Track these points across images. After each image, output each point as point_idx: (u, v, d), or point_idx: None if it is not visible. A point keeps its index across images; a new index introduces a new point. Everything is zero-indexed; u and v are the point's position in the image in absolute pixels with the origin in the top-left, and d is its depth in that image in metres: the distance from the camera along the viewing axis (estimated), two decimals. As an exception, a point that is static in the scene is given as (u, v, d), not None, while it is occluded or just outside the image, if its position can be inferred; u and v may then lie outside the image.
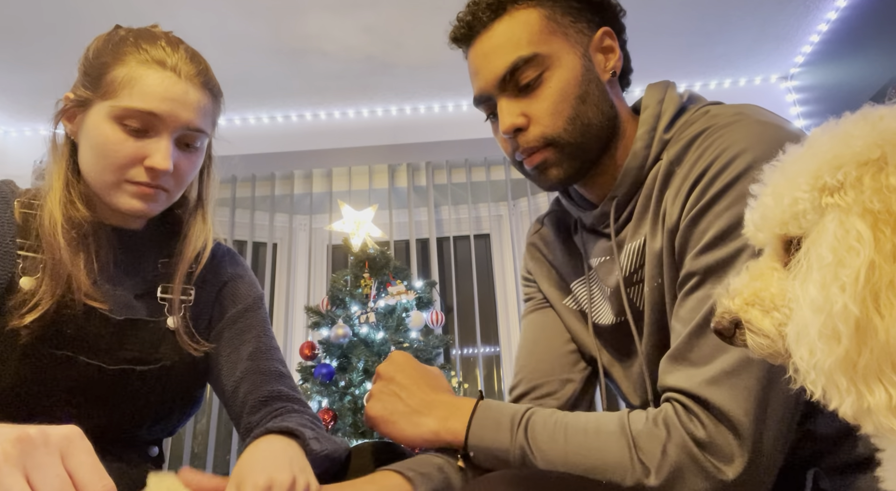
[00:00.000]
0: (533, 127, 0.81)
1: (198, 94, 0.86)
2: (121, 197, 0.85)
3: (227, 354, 0.95)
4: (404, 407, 0.80)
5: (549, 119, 0.81)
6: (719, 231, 0.68)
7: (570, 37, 0.83)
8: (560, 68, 0.81)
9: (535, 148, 0.82)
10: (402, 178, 3.14)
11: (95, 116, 0.84)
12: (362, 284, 2.39)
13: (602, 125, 0.83)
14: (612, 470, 0.68)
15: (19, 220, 0.85)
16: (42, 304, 0.79)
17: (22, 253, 0.83)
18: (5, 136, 2.94)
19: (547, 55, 0.81)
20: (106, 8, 2.18)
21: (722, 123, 0.74)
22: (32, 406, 0.80)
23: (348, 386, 2.19)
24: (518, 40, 0.81)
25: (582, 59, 0.83)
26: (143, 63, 0.83)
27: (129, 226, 0.93)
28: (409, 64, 2.63)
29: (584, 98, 0.81)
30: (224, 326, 0.97)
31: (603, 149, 0.84)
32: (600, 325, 0.89)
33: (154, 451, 0.94)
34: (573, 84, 0.81)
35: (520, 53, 0.80)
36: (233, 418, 0.95)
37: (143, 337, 0.88)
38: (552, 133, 0.81)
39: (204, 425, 2.81)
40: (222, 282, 1.00)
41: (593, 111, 0.82)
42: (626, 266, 0.83)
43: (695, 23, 2.45)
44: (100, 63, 0.85)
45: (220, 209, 3.07)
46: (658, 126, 0.82)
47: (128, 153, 0.82)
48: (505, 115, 0.82)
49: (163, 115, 0.83)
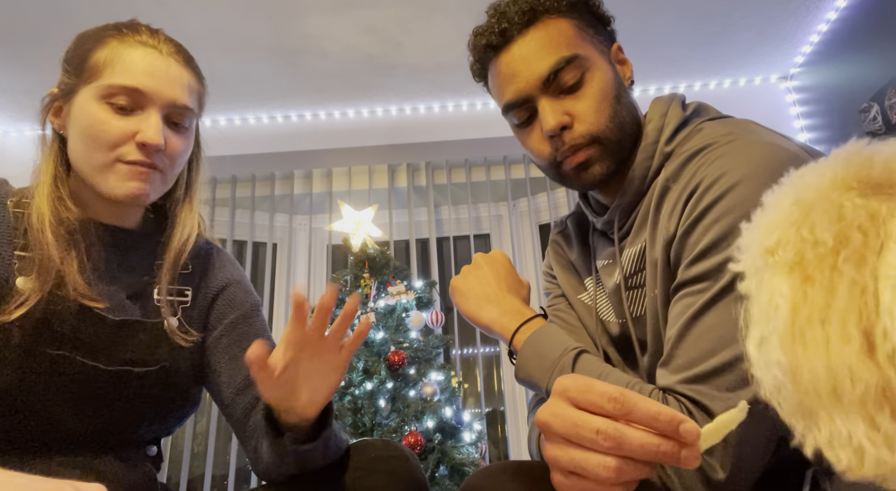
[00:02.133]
0: (578, 125, 0.84)
1: (180, 70, 0.87)
2: (114, 180, 0.83)
3: (227, 361, 0.94)
4: (480, 291, 0.92)
5: (593, 117, 0.84)
6: (708, 243, 0.71)
7: (596, 45, 0.88)
8: (598, 70, 0.86)
9: (581, 145, 0.85)
10: (401, 179, 3.14)
11: (81, 101, 0.83)
12: (362, 284, 2.39)
13: (632, 126, 0.88)
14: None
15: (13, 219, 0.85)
16: (30, 300, 0.78)
17: (18, 253, 0.83)
18: (5, 135, 2.94)
19: (586, 57, 0.85)
20: (106, 8, 2.18)
21: (715, 144, 0.78)
22: (31, 407, 0.80)
23: (348, 386, 2.19)
24: (558, 43, 0.85)
25: (610, 65, 0.88)
26: (125, 44, 0.84)
27: (122, 224, 0.92)
28: (409, 64, 2.63)
29: (619, 98, 0.86)
30: (222, 332, 0.96)
31: (631, 149, 0.88)
32: (606, 321, 0.94)
33: (153, 450, 0.94)
34: (610, 85, 0.86)
35: (562, 54, 0.84)
36: (234, 424, 0.94)
37: (142, 339, 0.87)
38: (597, 130, 0.84)
39: (204, 425, 2.81)
40: (220, 286, 0.99)
41: (626, 113, 0.87)
42: (626, 269, 0.87)
43: (695, 23, 2.45)
44: (81, 51, 0.86)
45: (220, 209, 3.07)
46: (660, 139, 0.85)
47: (117, 131, 0.82)
48: (549, 114, 0.85)
49: (148, 92, 0.83)
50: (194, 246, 0.97)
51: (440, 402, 2.17)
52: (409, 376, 2.20)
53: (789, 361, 0.40)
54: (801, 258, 0.42)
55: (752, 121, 0.86)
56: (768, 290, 0.43)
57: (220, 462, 2.74)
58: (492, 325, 0.89)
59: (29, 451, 0.81)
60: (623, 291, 0.87)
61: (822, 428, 0.40)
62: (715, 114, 0.90)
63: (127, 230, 0.92)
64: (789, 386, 0.41)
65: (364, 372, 2.19)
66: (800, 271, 0.41)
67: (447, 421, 2.15)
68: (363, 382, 2.18)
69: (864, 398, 0.37)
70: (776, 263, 0.44)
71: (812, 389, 0.39)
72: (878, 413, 0.37)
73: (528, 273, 3.03)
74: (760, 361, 0.44)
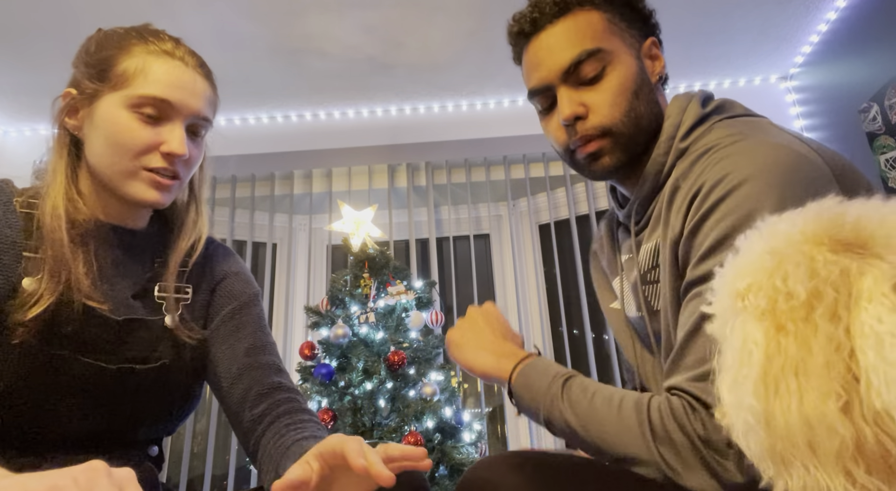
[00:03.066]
0: (592, 116, 0.88)
1: (203, 84, 0.91)
2: (136, 186, 0.86)
3: (224, 349, 0.95)
4: (475, 340, 0.92)
5: (607, 109, 0.87)
6: (713, 241, 0.72)
7: (625, 40, 0.90)
8: (620, 65, 0.88)
9: (592, 136, 0.88)
10: (401, 179, 3.14)
11: (108, 107, 0.85)
12: (362, 284, 2.39)
13: (650, 121, 0.89)
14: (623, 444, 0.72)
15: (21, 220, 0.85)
16: (43, 299, 0.79)
17: (26, 254, 0.83)
18: (5, 135, 2.94)
19: (609, 51, 0.88)
20: (106, 8, 2.18)
21: (723, 144, 0.79)
22: (33, 406, 0.80)
23: (348, 386, 2.19)
24: (584, 36, 0.88)
25: (636, 61, 0.90)
26: (152, 53, 0.87)
27: (128, 225, 0.93)
28: (409, 64, 2.63)
29: (638, 94, 0.88)
30: (220, 322, 0.97)
31: (647, 144, 0.90)
32: (629, 316, 0.97)
33: (154, 450, 0.94)
34: (630, 80, 0.88)
35: (585, 47, 0.87)
36: (230, 414, 0.94)
37: (143, 336, 0.87)
38: (609, 123, 0.87)
39: (204, 425, 2.81)
40: (218, 279, 1.00)
41: (644, 107, 0.89)
42: (642, 265, 0.89)
43: (694, 23, 2.45)
44: (104, 56, 0.87)
45: (219, 209, 3.07)
46: (676, 135, 0.87)
47: (145, 140, 0.85)
48: (566, 103, 0.88)
49: (176, 103, 0.86)
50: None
51: (440, 402, 2.17)
52: (409, 376, 2.20)
53: (763, 408, 0.42)
54: (773, 307, 0.43)
55: (768, 120, 0.88)
56: (741, 334, 0.45)
57: (220, 462, 2.74)
58: (490, 370, 0.89)
59: (31, 450, 0.81)
60: (640, 285, 0.89)
61: (794, 476, 0.41)
62: (739, 111, 0.91)
63: (133, 231, 0.93)
64: (761, 431, 0.42)
65: (364, 372, 2.19)
66: (772, 320, 0.43)
67: (447, 421, 2.15)
68: (363, 381, 2.18)
69: (841, 452, 0.38)
70: (747, 309, 0.45)
71: (786, 437, 0.40)
72: (855, 467, 0.38)
73: (528, 273, 3.03)
74: (733, 403, 0.45)
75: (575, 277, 2.85)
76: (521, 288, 3.00)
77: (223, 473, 2.72)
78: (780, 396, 0.41)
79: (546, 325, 2.96)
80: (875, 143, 2.27)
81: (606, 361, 2.75)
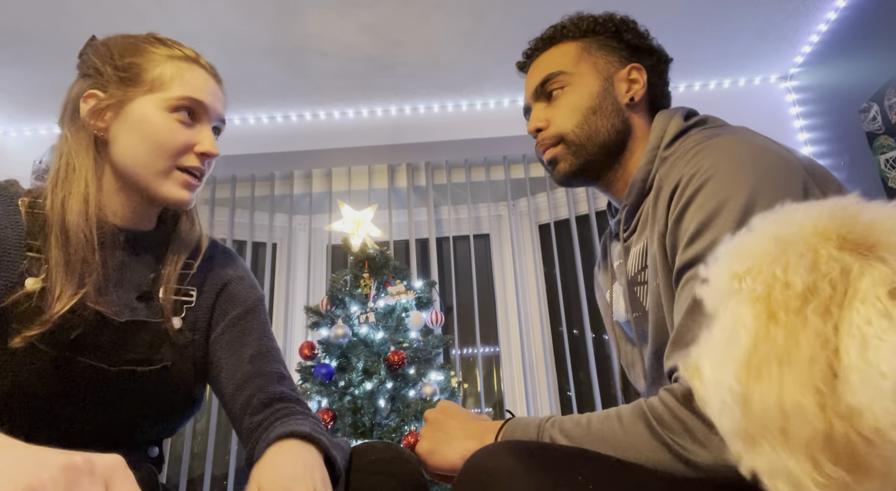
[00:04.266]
0: (550, 127, 1.03)
1: (221, 89, 0.98)
2: (169, 186, 0.90)
3: (228, 356, 0.95)
4: (445, 437, 0.87)
5: (561, 121, 1.01)
6: (695, 228, 0.77)
7: (597, 64, 1.03)
8: (580, 85, 1.02)
9: (549, 144, 1.03)
10: (401, 179, 3.14)
11: (143, 109, 0.89)
12: (362, 284, 2.39)
13: (609, 135, 1.00)
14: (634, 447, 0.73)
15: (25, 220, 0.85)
16: (63, 295, 0.80)
17: (29, 254, 0.83)
18: (5, 136, 2.93)
19: (571, 74, 1.02)
20: (106, 8, 2.18)
21: (699, 142, 0.87)
22: (34, 408, 0.80)
23: (348, 386, 2.19)
24: (553, 63, 1.04)
25: (602, 83, 1.02)
26: (182, 59, 0.92)
27: (137, 227, 0.93)
28: (409, 64, 2.63)
29: (596, 111, 1.00)
30: (225, 328, 0.97)
31: (611, 156, 1.01)
32: (619, 320, 1.01)
33: (154, 451, 0.94)
34: (587, 98, 1.01)
35: (550, 70, 1.03)
36: (233, 420, 0.95)
37: (145, 338, 0.87)
38: (561, 132, 1.01)
39: (204, 425, 2.81)
40: (222, 283, 1.00)
41: (603, 122, 1.00)
42: (631, 268, 0.94)
43: (694, 23, 2.45)
44: (133, 61, 0.90)
45: (219, 209, 3.07)
46: (660, 145, 0.95)
47: (182, 140, 0.89)
48: (532, 118, 1.05)
49: (209, 106, 0.93)
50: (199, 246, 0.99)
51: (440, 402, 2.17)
52: (409, 376, 2.20)
53: (742, 389, 0.43)
54: (769, 294, 0.44)
55: (747, 128, 0.92)
56: (732, 316, 0.46)
57: (220, 462, 2.74)
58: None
59: None
60: (630, 288, 0.93)
61: (761, 456, 0.42)
62: (720, 124, 0.97)
63: (141, 233, 0.94)
64: (737, 411, 0.43)
65: (364, 372, 2.19)
66: (765, 306, 0.44)
67: (447, 421, 2.15)
68: (363, 382, 2.18)
69: (811, 441, 0.40)
70: (742, 291, 0.46)
71: (760, 420, 0.42)
72: (822, 457, 0.40)
73: (528, 273, 3.03)
74: (712, 379, 0.46)
75: (575, 277, 2.85)
76: (521, 288, 3.00)
77: (223, 474, 2.72)
78: (760, 381, 0.42)
79: (546, 325, 2.96)
80: (875, 143, 2.27)
81: (606, 361, 2.75)
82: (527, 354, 2.85)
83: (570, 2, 2.56)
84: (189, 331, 0.92)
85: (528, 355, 2.87)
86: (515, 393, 2.84)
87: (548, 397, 2.78)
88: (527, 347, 2.88)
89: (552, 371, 2.86)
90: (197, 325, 0.95)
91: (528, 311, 2.98)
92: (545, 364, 2.83)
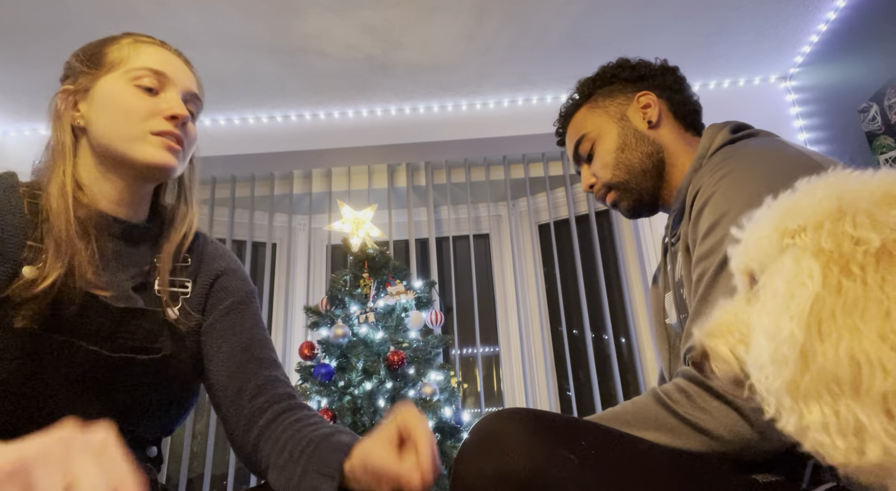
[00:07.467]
0: (598, 182, 1.16)
1: (188, 68, 0.98)
2: (147, 149, 0.90)
3: (221, 343, 0.96)
4: None
5: (601, 172, 1.14)
6: (707, 226, 0.84)
7: (609, 111, 1.15)
8: (603, 137, 1.14)
9: (603, 194, 1.16)
10: (401, 178, 3.14)
11: (106, 86, 0.91)
12: (361, 284, 2.39)
13: (644, 163, 1.11)
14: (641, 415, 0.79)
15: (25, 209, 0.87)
16: (49, 278, 0.81)
17: (29, 243, 0.84)
18: (5, 135, 2.93)
19: (591, 131, 1.16)
20: (105, 8, 2.18)
21: (731, 153, 0.92)
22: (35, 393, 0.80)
23: (347, 386, 2.19)
24: (575, 131, 1.19)
25: (619, 123, 1.14)
26: (139, 41, 0.94)
27: (129, 219, 0.95)
28: (408, 64, 2.63)
29: (623, 148, 1.12)
30: (217, 317, 0.98)
31: (657, 177, 1.12)
32: (671, 323, 1.06)
33: (153, 451, 0.94)
34: (612, 143, 1.13)
35: (576, 138, 1.18)
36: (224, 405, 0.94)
37: (143, 326, 0.88)
38: (605, 181, 1.14)
39: (203, 425, 2.81)
40: (215, 275, 1.02)
41: (634, 155, 1.11)
42: (678, 271, 0.99)
43: (694, 23, 2.45)
44: (94, 52, 0.94)
45: (219, 209, 3.07)
46: (706, 155, 1.01)
47: (147, 106, 0.91)
48: (583, 180, 1.20)
49: (170, 75, 0.93)
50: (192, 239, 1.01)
51: (439, 402, 2.17)
52: (409, 376, 2.20)
53: (806, 340, 0.42)
54: (838, 248, 0.44)
55: (780, 139, 0.99)
56: (794, 267, 0.45)
57: (220, 462, 2.74)
58: None
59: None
60: (676, 290, 0.99)
61: (814, 411, 0.42)
62: (765, 135, 1.01)
63: (134, 224, 0.95)
64: (793, 364, 0.43)
65: (364, 372, 2.19)
66: (835, 259, 0.44)
67: (447, 421, 2.15)
68: (362, 381, 2.18)
69: (888, 393, 0.39)
70: (797, 245, 0.46)
71: (825, 372, 0.41)
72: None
73: (528, 273, 3.03)
74: (768, 330, 0.45)
75: (574, 277, 2.85)
76: (521, 288, 3.00)
77: (223, 473, 2.72)
78: (830, 332, 0.41)
79: (546, 325, 2.96)
80: (875, 144, 2.27)
81: (606, 361, 2.75)
82: (526, 354, 2.85)
83: (568, 3, 2.54)
84: (187, 320, 0.93)
85: (528, 355, 2.87)
86: (515, 393, 2.84)
87: (547, 397, 2.78)
88: (526, 347, 2.88)
89: (552, 371, 2.86)
90: (192, 316, 0.96)
91: (528, 311, 2.98)
92: (545, 364, 2.83)
